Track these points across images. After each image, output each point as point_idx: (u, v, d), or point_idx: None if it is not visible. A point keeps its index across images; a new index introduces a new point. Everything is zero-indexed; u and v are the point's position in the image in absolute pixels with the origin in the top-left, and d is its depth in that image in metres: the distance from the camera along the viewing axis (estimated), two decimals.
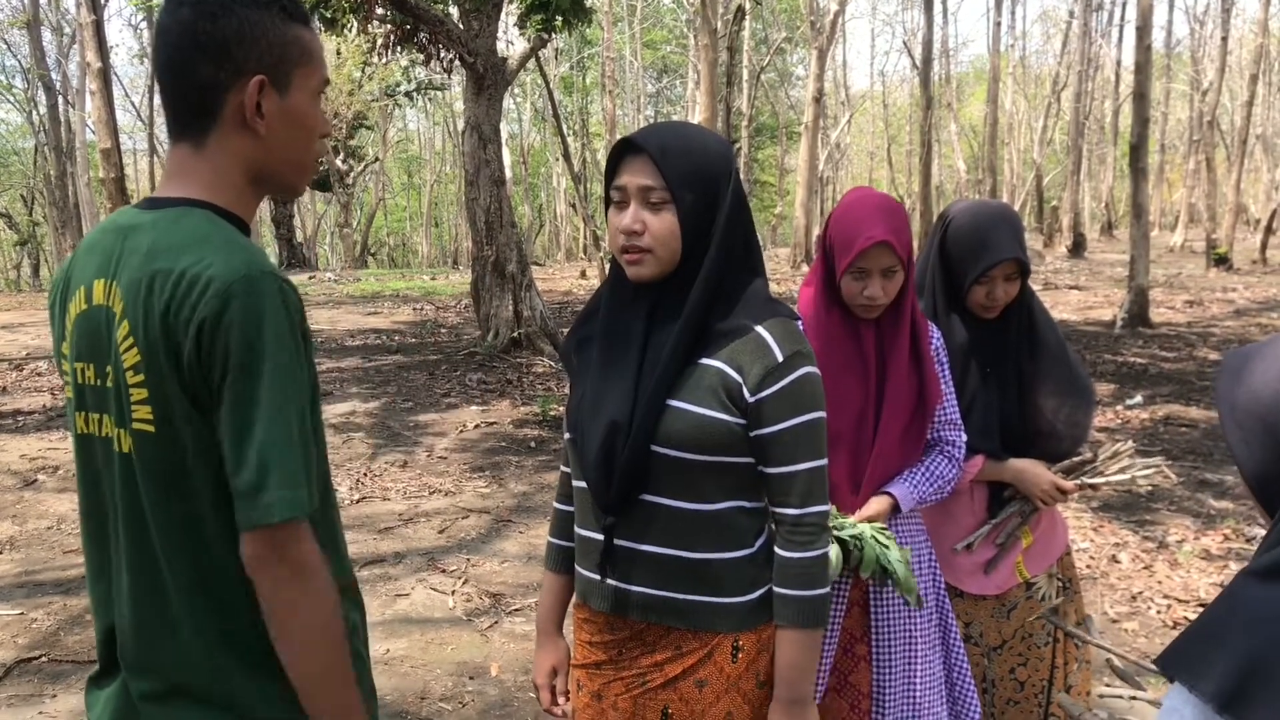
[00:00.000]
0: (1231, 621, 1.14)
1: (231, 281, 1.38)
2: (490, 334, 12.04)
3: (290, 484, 1.37)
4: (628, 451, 1.79)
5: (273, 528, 1.37)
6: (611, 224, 1.83)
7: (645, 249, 1.79)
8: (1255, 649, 1.10)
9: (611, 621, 1.94)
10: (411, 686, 4.06)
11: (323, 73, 1.59)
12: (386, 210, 51.80)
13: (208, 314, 1.37)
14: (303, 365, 1.44)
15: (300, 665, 1.43)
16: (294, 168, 1.59)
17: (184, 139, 1.52)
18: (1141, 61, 14.90)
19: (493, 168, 11.81)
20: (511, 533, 5.98)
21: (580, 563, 1.99)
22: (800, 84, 43.40)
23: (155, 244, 1.44)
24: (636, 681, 1.92)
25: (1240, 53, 39.40)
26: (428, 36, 11.79)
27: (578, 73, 40.85)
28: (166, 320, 1.40)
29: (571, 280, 24.72)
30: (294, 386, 1.40)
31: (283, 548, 1.39)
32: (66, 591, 5.06)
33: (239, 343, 1.37)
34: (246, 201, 1.56)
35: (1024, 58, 47.86)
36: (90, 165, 30.11)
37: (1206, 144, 28.77)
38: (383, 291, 20.98)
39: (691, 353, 1.81)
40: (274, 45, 1.49)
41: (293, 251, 29.84)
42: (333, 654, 1.44)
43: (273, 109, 1.51)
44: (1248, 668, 1.10)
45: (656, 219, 1.78)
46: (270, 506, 1.36)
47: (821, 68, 27.44)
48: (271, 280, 1.40)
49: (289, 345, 1.40)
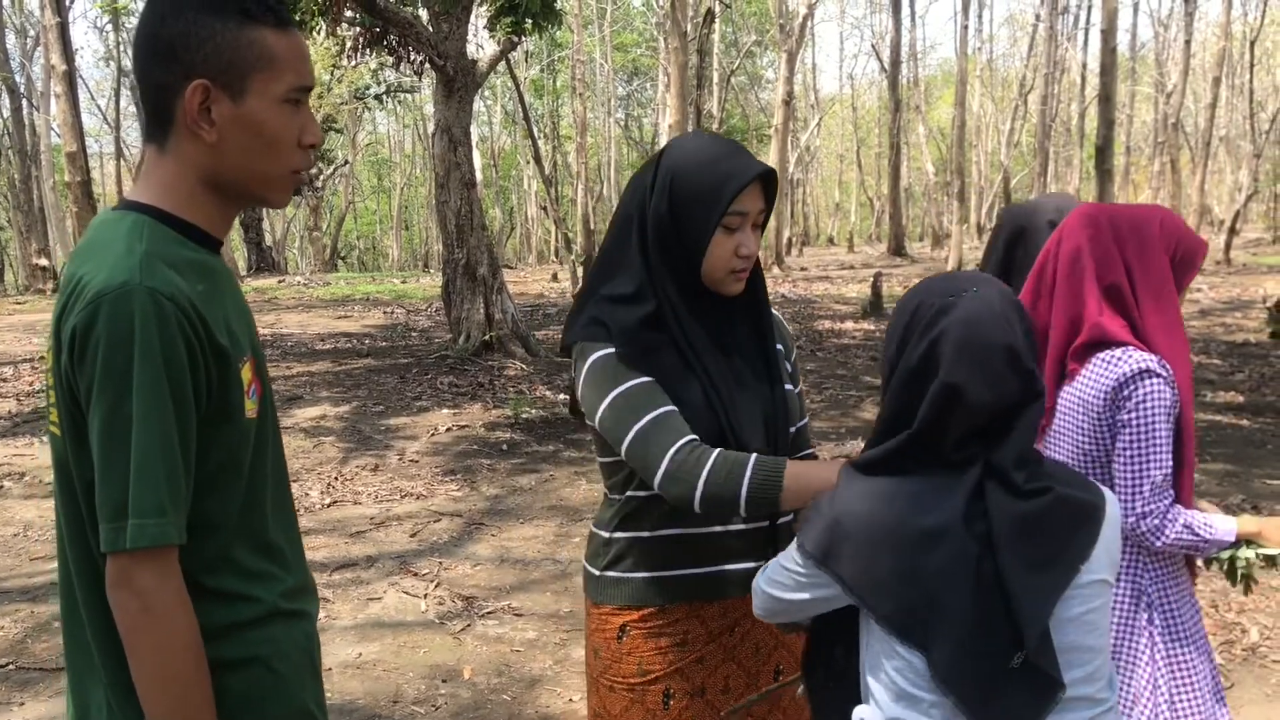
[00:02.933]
0: (831, 499, 1.58)
1: (105, 292, 1.33)
2: (461, 337, 12.01)
3: (145, 512, 1.32)
4: (782, 437, 1.98)
5: (124, 554, 1.33)
6: (723, 247, 1.88)
7: (750, 266, 1.93)
8: (838, 516, 1.55)
9: (726, 606, 1.99)
10: (384, 690, 4.05)
11: (293, 79, 1.49)
12: (356, 213, 51.57)
13: (78, 324, 1.34)
14: (186, 385, 1.37)
15: (142, 696, 1.38)
16: (255, 178, 1.51)
17: (150, 141, 1.50)
18: (1106, 64, 15.07)
19: (463, 170, 11.79)
20: (484, 536, 5.97)
21: (708, 561, 1.97)
22: (770, 87, 43.52)
23: (81, 246, 1.44)
24: (753, 652, 2.02)
25: (1203, 56, 39.86)
26: (397, 39, 11.76)
27: (548, 75, 40.80)
28: (58, 326, 1.38)
29: (543, 283, 24.69)
30: (161, 407, 1.34)
31: (131, 577, 1.34)
32: (34, 599, 5.02)
33: (104, 357, 1.32)
34: (207, 210, 1.50)
35: (991, 61, 48.25)
36: (55, 169, 29.83)
37: (1171, 146, 29.11)
38: (353, 295, 20.88)
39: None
40: (223, 49, 1.43)
41: (262, 255, 29.67)
42: (172, 690, 1.37)
43: (225, 115, 1.45)
44: (834, 529, 1.54)
45: (757, 238, 1.92)
46: (121, 533, 1.32)
47: (791, 71, 27.56)
48: (149, 294, 1.33)
49: (158, 364, 1.33)
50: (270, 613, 1.53)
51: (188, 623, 1.39)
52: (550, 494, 6.81)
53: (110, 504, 1.33)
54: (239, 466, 1.49)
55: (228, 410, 1.45)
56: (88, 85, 40.00)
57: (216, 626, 1.43)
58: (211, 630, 1.43)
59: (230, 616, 1.47)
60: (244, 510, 1.51)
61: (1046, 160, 33.17)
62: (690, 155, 1.90)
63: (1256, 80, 34.24)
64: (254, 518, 1.53)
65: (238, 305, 1.55)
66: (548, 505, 6.55)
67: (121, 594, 1.35)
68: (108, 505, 1.33)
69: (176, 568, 1.38)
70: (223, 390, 1.44)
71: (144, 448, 1.33)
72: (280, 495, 1.59)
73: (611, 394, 1.84)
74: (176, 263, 1.41)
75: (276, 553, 1.57)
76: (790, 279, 24.98)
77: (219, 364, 1.42)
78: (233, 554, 1.50)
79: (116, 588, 1.35)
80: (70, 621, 1.51)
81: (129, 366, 1.32)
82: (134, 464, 1.32)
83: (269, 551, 1.56)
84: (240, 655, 1.48)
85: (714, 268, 1.89)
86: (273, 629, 1.53)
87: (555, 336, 14.51)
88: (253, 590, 1.51)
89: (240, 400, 1.47)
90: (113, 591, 1.36)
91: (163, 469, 1.34)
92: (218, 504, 1.46)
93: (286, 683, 1.54)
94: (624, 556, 1.99)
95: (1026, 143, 44.94)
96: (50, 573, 5.32)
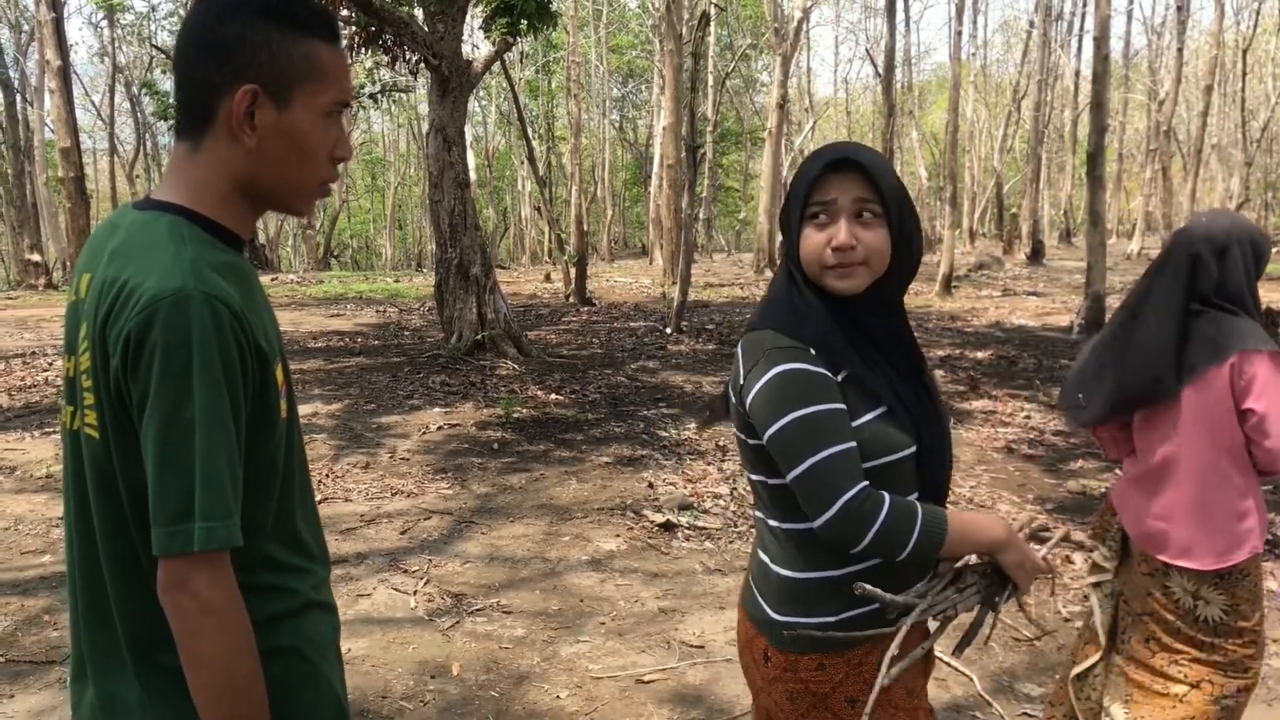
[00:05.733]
0: None
1: (160, 297, 1.33)
2: (454, 336, 12.02)
3: (214, 515, 1.33)
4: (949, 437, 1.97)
5: (186, 557, 1.33)
6: (813, 239, 1.83)
7: (859, 262, 1.82)
8: None
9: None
10: (372, 685, 4.08)
11: (336, 94, 1.51)
12: (350, 212, 51.52)
13: (132, 329, 1.33)
14: (239, 390, 1.38)
15: (199, 698, 1.38)
16: (288, 187, 1.52)
17: (184, 138, 1.49)
18: (1099, 71, 15.13)
19: (457, 170, 11.81)
20: (474, 534, 5.99)
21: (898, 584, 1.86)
22: (765, 90, 43.60)
23: (118, 247, 1.42)
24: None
25: (1196, 64, 40.02)
26: (392, 38, 11.77)
27: (543, 76, 40.79)
28: (105, 330, 1.37)
29: (536, 283, 24.71)
30: (221, 412, 1.35)
31: (192, 579, 1.34)
32: (24, 592, 5.03)
33: (162, 363, 1.32)
34: (236, 212, 1.51)
35: (985, 66, 48.33)
36: (49, 164, 29.73)
37: (1163, 153, 29.23)
38: (346, 294, 20.88)
39: None
40: (277, 56, 1.44)
41: (255, 253, 29.64)
42: (232, 692, 1.38)
43: (267, 122, 1.46)
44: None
45: (869, 233, 1.82)
46: (189, 536, 1.32)
47: (785, 74, 27.64)
48: (205, 300, 1.34)
49: (216, 369, 1.34)
50: (304, 604, 1.56)
51: (244, 624, 1.39)
52: (540, 493, 6.84)
53: (169, 508, 1.33)
54: (276, 467, 1.51)
55: (267, 413, 1.46)
56: (82, 81, 39.92)
57: (255, 619, 1.43)
58: (251, 623, 1.43)
59: (268, 610, 1.48)
60: (279, 508, 1.52)
61: (1039, 166, 33.27)
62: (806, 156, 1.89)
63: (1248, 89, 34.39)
64: (287, 514, 1.54)
65: (267, 306, 1.56)
66: (537, 504, 6.58)
67: (180, 596, 1.35)
68: (166, 509, 1.33)
69: (231, 570, 1.38)
70: (263, 393, 1.45)
71: (207, 452, 1.33)
72: (305, 490, 1.61)
73: (795, 414, 1.76)
74: (217, 266, 1.41)
75: (305, 546, 1.60)
76: None
77: (260, 367, 1.43)
78: (270, 551, 1.52)
79: (174, 590, 1.35)
80: (93, 619, 1.51)
81: (187, 372, 1.32)
82: (199, 468, 1.33)
83: (299, 546, 1.58)
84: (276, 645, 1.49)
85: (809, 262, 1.84)
86: (305, 620, 1.55)
87: (547, 337, 14.54)
88: (288, 583, 1.54)
89: (276, 402, 1.48)
90: (170, 594, 1.35)
91: (226, 472, 1.35)
92: (259, 505, 1.48)
93: (319, 671, 1.57)
94: (838, 592, 1.86)
95: (1019, 148, 45.06)
96: (38, 567, 5.33)
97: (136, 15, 34.45)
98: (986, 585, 1.90)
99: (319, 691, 1.57)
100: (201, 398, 1.33)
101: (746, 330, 1.90)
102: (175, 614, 1.36)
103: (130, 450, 1.39)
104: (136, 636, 1.46)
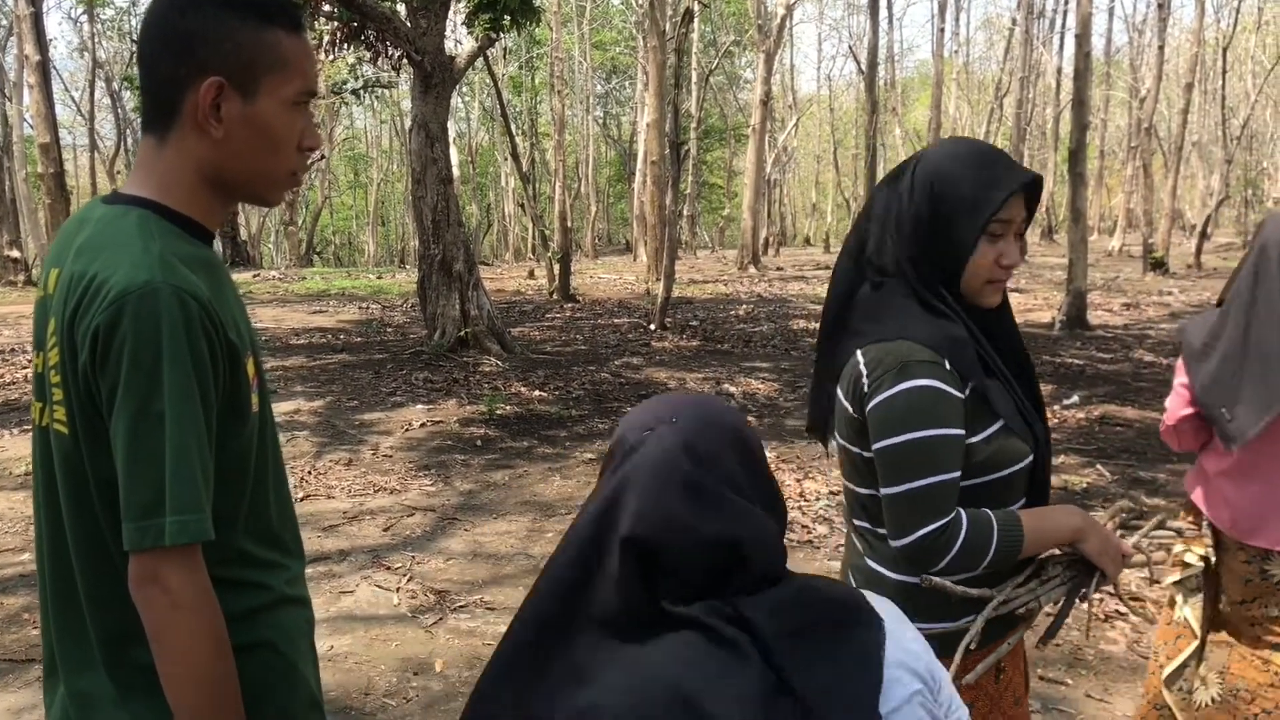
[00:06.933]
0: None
1: (129, 291, 1.32)
2: (437, 333, 12.00)
3: (185, 509, 1.33)
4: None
5: (158, 551, 1.32)
6: (986, 256, 1.82)
7: (1009, 277, 1.88)
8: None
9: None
10: (355, 682, 4.07)
11: (302, 83, 1.50)
12: (332, 208, 51.32)
13: (101, 323, 1.33)
14: (209, 383, 1.38)
15: (172, 693, 1.38)
16: (258, 178, 1.52)
17: (150, 132, 1.49)
18: (1081, 68, 15.20)
19: (440, 166, 11.78)
20: (457, 531, 5.98)
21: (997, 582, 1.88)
22: (748, 87, 43.64)
23: (85, 242, 1.42)
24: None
25: (1177, 61, 40.24)
26: (375, 34, 11.75)
27: (526, 72, 40.74)
28: (73, 325, 1.37)
29: (520, 280, 24.67)
30: (191, 405, 1.34)
31: (163, 574, 1.33)
32: (3, 590, 4.99)
33: (131, 357, 1.32)
34: (205, 205, 1.51)
35: (967, 63, 48.57)
36: (28, 160, 29.50)
37: (1144, 150, 29.37)
38: (328, 290, 20.81)
39: None
40: (241, 48, 1.44)
41: (237, 249, 29.49)
42: (204, 686, 1.37)
43: (234, 113, 1.45)
44: None
45: (1020, 248, 1.87)
46: (160, 530, 1.32)
47: (769, 71, 27.68)
48: (174, 293, 1.34)
49: (186, 362, 1.34)
50: (278, 599, 1.55)
51: (216, 618, 1.39)
52: (524, 490, 6.83)
53: (140, 502, 1.32)
54: (248, 461, 1.50)
55: (238, 407, 1.46)
56: (61, 77, 39.62)
57: (229, 614, 1.43)
58: (225, 618, 1.43)
59: (242, 604, 1.48)
60: (251, 502, 1.52)
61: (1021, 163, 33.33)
62: (954, 160, 1.84)
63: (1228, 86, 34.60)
64: (259, 509, 1.54)
65: (237, 299, 1.55)
66: (521, 501, 6.57)
67: (151, 591, 1.34)
68: (137, 504, 1.32)
69: (203, 564, 1.37)
70: (234, 387, 1.45)
71: (178, 445, 1.33)
72: (279, 484, 1.60)
73: (914, 435, 1.74)
74: (186, 259, 1.41)
75: (280, 541, 1.59)
76: (766, 279, 25.07)
77: (230, 361, 1.43)
78: (243, 545, 1.51)
79: (145, 585, 1.34)
80: (63, 616, 1.51)
81: (157, 366, 1.32)
82: (170, 461, 1.32)
83: (273, 540, 1.58)
84: (251, 640, 1.49)
85: (975, 276, 1.83)
86: (280, 614, 1.55)
87: (531, 333, 14.52)
88: (262, 578, 1.53)
89: (248, 396, 1.48)
90: (141, 588, 1.35)
91: (197, 465, 1.35)
92: (230, 498, 1.47)
93: (294, 665, 1.56)
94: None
95: (1002, 145, 45.27)
96: (18, 565, 5.30)
97: (116, 10, 34.23)
98: (1072, 576, 1.89)
99: (294, 686, 1.57)
100: (171, 391, 1.33)
101: (873, 340, 1.83)
102: (147, 609, 1.35)
103: (100, 445, 1.38)
104: (108, 633, 1.46)
